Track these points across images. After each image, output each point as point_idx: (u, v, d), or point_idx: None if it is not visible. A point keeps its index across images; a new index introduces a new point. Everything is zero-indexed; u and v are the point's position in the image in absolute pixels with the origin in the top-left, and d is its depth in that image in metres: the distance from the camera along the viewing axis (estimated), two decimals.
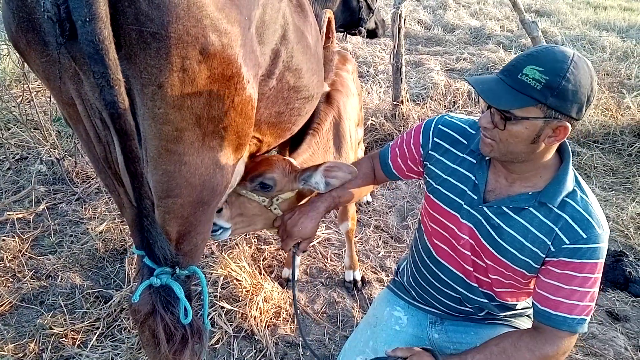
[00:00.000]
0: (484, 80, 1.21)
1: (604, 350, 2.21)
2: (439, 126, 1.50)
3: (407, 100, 4.35)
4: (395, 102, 4.28)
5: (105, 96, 0.91)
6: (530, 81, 1.11)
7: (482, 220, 1.36)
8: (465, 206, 1.39)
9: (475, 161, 1.40)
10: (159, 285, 1.22)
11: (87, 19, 0.84)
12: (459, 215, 1.41)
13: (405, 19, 4.01)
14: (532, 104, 1.12)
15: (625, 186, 3.66)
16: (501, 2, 10.44)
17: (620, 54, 6.57)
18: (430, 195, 1.50)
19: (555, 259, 1.25)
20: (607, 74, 5.65)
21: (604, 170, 3.90)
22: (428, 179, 1.53)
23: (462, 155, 1.44)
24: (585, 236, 1.21)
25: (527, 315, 1.62)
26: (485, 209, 1.35)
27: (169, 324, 1.26)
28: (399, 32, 3.95)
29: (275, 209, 1.60)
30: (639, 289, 2.60)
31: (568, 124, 1.14)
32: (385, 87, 5.14)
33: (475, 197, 1.37)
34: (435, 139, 1.50)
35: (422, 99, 4.92)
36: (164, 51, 0.94)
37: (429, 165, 1.51)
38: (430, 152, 1.50)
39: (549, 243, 1.25)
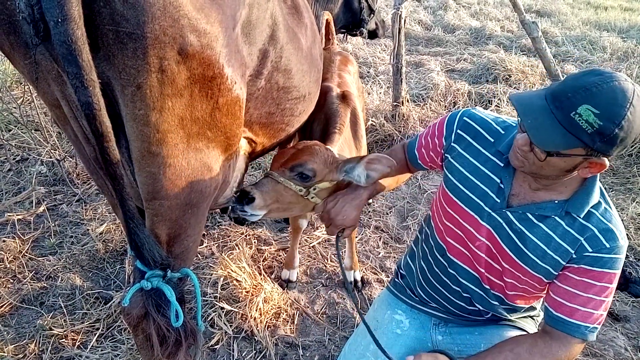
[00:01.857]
0: (532, 109, 1.13)
1: (604, 351, 2.21)
2: (464, 118, 1.46)
3: (408, 101, 4.34)
4: (395, 103, 4.27)
5: (80, 97, 0.91)
6: (582, 123, 1.04)
7: (504, 224, 1.34)
8: (486, 208, 1.37)
9: (502, 164, 1.36)
10: (149, 288, 1.21)
11: (60, 20, 0.84)
12: (478, 217, 1.39)
13: (405, 20, 4.00)
14: (578, 146, 1.08)
15: (626, 186, 3.65)
16: (502, 3, 10.43)
17: (620, 54, 6.56)
18: (448, 192, 1.47)
19: (575, 266, 1.25)
20: None
21: (604, 170, 3.88)
22: (447, 172, 1.49)
23: (485, 153, 1.40)
24: (608, 246, 1.21)
25: (531, 317, 1.62)
26: (508, 213, 1.33)
27: (161, 326, 1.25)
28: (399, 32, 3.95)
29: (312, 197, 1.59)
30: (639, 289, 2.59)
31: (607, 161, 1.13)
32: (386, 88, 5.13)
33: (499, 201, 1.35)
34: (458, 130, 1.46)
35: (423, 99, 4.91)
36: (140, 51, 0.93)
37: (449, 159, 1.48)
38: (452, 144, 1.47)
39: (572, 251, 1.25)
